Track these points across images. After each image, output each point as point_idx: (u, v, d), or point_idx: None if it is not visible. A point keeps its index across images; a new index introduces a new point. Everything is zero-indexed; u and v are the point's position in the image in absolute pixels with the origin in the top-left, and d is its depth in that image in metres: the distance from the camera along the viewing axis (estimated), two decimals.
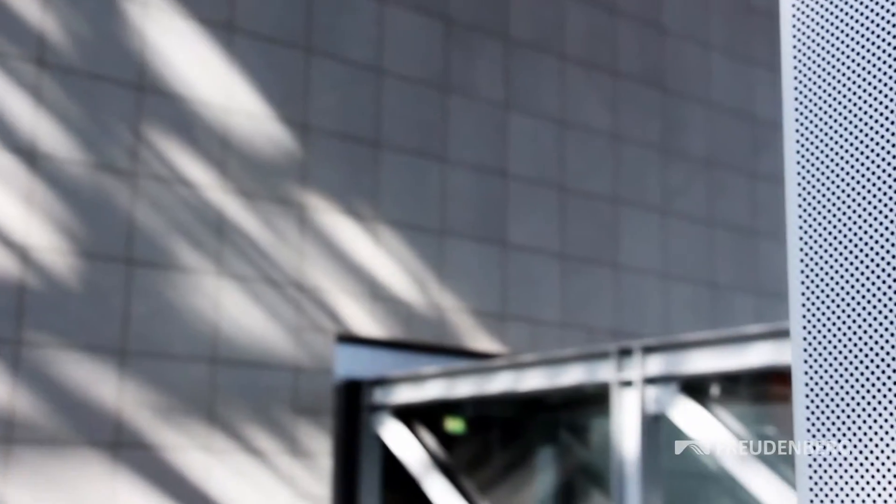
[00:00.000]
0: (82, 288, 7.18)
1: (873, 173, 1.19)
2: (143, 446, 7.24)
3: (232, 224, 7.83)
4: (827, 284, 1.23)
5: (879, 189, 1.18)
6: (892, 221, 1.15)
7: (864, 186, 1.20)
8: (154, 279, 7.45)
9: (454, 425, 8.74)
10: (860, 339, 1.19)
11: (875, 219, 1.17)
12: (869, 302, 1.19)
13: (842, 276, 1.22)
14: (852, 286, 1.20)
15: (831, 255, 1.21)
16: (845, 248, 1.19)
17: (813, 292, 1.24)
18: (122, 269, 7.33)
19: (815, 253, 1.22)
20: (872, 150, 1.19)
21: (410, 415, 8.12)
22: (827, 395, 1.20)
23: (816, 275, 1.24)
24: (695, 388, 6.28)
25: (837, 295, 1.22)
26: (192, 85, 7.79)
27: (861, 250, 1.17)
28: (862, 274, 1.20)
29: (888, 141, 1.18)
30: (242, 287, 7.80)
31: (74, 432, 7.02)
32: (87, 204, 7.27)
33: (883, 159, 1.18)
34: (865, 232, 1.17)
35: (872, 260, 1.18)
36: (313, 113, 8.32)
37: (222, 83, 7.92)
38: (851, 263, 1.20)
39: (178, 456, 7.36)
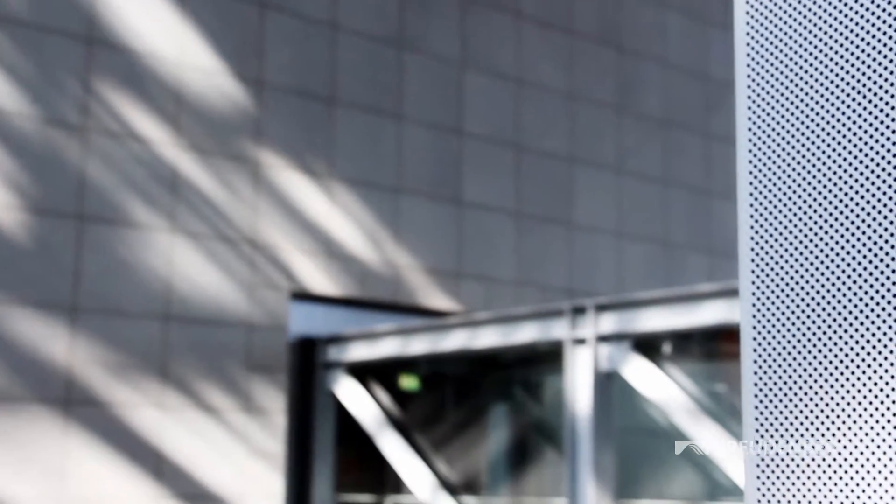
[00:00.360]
0: (32, 244, 7.09)
1: (823, 128, 1.20)
2: (95, 403, 7.20)
3: (185, 180, 7.76)
4: (776, 242, 1.24)
5: (828, 149, 1.19)
6: (841, 180, 1.16)
7: (812, 147, 1.21)
8: (106, 235, 7.38)
9: (408, 382, 8.77)
10: (808, 295, 1.20)
11: (825, 175, 1.18)
12: (816, 257, 1.20)
13: (790, 235, 1.23)
14: (800, 243, 1.21)
15: (780, 214, 1.22)
16: (794, 206, 1.20)
17: (762, 251, 1.25)
18: (73, 225, 7.25)
19: (765, 212, 1.22)
20: (822, 111, 1.20)
21: (365, 372, 8.14)
22: (774, 349, 1.22)
23: (766, 234, 1.25)
24: (647, 345, 6.34)
25: (786, 250, 1.23)
26: (144, 38, 7.68)
27: (810, 207, 1.18)
28: (810, 229, 1.21)
29: (838, 98, 1.19)
30: (196, 244, 7.74)
31: (25, 389, 6.96)
32: (37, 159, 7.16)
33: (833, 115, 1.19)
34: (815, 188, 1.18)
35: (821, 215, 1.19)
36: (268, 69, 8.24)
37: (175, 37, 7.81)
38: (800, 219, 1.21)
39: (131, 413, 7.33)
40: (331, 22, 8.62)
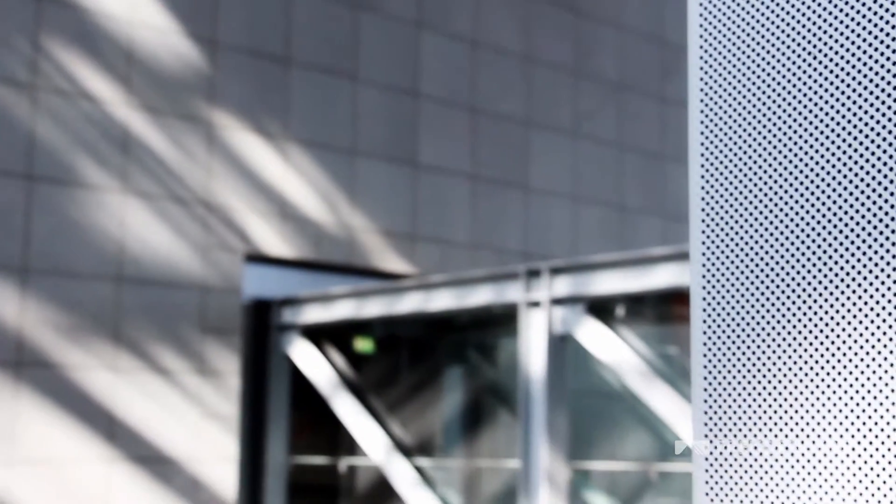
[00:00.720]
0: None
1: (775, 90, 1.20)
2: (46, 365, 7.13)
3: (137, 141, 7.67)
4: (727, 207, 1.24)
5: (780, 111, 1.19)
6: (793, 143, 1.17)
7: (764, 109, 1.21)
8: (56, 196, 7.28)
9: (363, 345, 8.78)
10: (758, 258, 1.21)
11: (778, 139, 1.18)
12: (766, 216, 1.20)
13: (741, 199, 1.23)
14: (751, 204, 1.21)
15: (732, 177, 1.22)
16: (746, 169, 1.20)
17: (712, 215, 1.25)
18: (23, 185, 7.15)
19: (715, 174, 1.23)
20: (774, 73, 1.20)
21: (319, 334, 8.13)
22: (722, 311, 1.22)
23: (716, 197, 1.25)
24: (601, 308, 6.37)
25: (737, 213, 1.23)
26: None
27: (761, 168, 1.19)
28: (761, 190, 1.21)
29: (790, 60, 1.19)
30: (148, 205, 7.67)
31: None
32: None
33: (785, 77, 1.19)
34: (767, 150, 1.18)
35: (774, 179, 1.19)
36: (222, 28, 8.14)
37: None
38: (750, 180, 1.22)
39: (83, 375, 7.27)
40: None
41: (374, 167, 8.95)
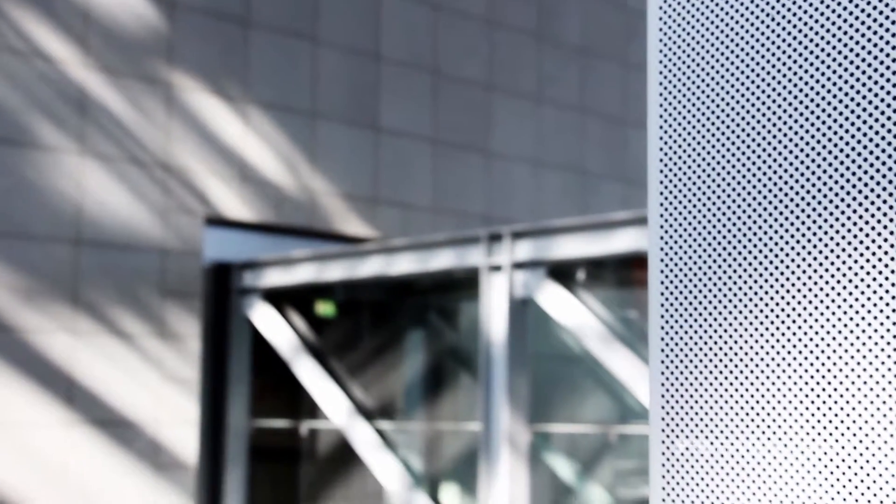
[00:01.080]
0: None
1: (733, 52, 1.20)
2: (3, 329, 7.06)
3: (95, 102, 7.57)
4: (685, 172, 1.24)
5: (739, 73, 1.19)
6: (754, 108, 1.16)
7: (723, 71, 1.21)
8: (12, 157, 7.18)
9: (324, 309, 8.76)
10: (716, 222, 1.21)
11: (737, 101, 1.18)
12: (724, 181, 1.20)
13: (699, 164, 1.23)
14: (709, 169, 1.21)
15: (689, 144, 1.22)
16: (703, 134, 1.20)
17: (670, 179, 1.25)
18: None
19: (674, 139, 1.22)
20: (734, 36, 1.20)
21: (280, 298, 8.11)
22: (679, 280, 1.22)
23: (674, 162, 1.25)
24: (562, 272, 6.39)
25: (695, 177, 1.23)
26: None
27: (720, 131, 1.18)
28: (719, 152, 1.21)
29: (752, 24, 1.19)
30: (106, 167, 7.58)
31: None
32: None
33: (746, 41, 1.19)
34: (726, 113, 1.18)
35: (730, 138, 1.19)
36: None
37: None
38: (709, 142, 1.21)
39: (41, 339, 7.21)
40: None
41: (336, 130, 8.90)
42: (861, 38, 1.08)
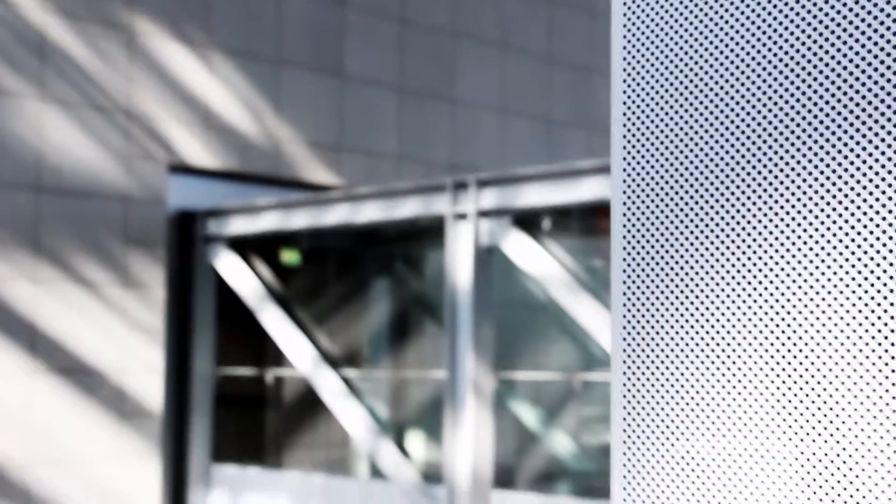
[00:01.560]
0: None
1: (698, 6, 1.19)
2: None
3: (55, 46, 7.45)
4: (648, 121, 1.24)
5: (701, 25, 1.18)
6: (713, 57, 1.16)
7: (686, 24, 1.20)
8: None
9: (290, 257, 8.74)
10: (678, 166, 1.21)
11: (702, 46, 1.17)
12: (688, 130, 1.20)
13: (662, 113, 1.23)
14: (673, 113, 1.21)
15: (652, 93, 1.21)
16: (666, 84, 1.19)
17: (634, 125, 1.25)
18: None
19: (637, 87, 1.22)
20: None
21: (245, 246, 8.07)
22: (643, 225, 1.22)
23: (637, 111, 1.25)
24: (527, 221, 6.40)
25: (658, 127, 1.23)
26: None
27: (685, 75, 1.18)
28: (685, 100, 1.21)
29: None
30: (67, 112, 7.48)
31: None
32: None
33: None
34: (689, 62, 1.18)
35: (696, 85, 1.19)
36: None
37: None
38: (671, 87, 1.21)
39: (2, 287, 7.15)
40: None
41: (300, 77, 8.81)
42: (826, 19, 1.07)
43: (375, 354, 9.06)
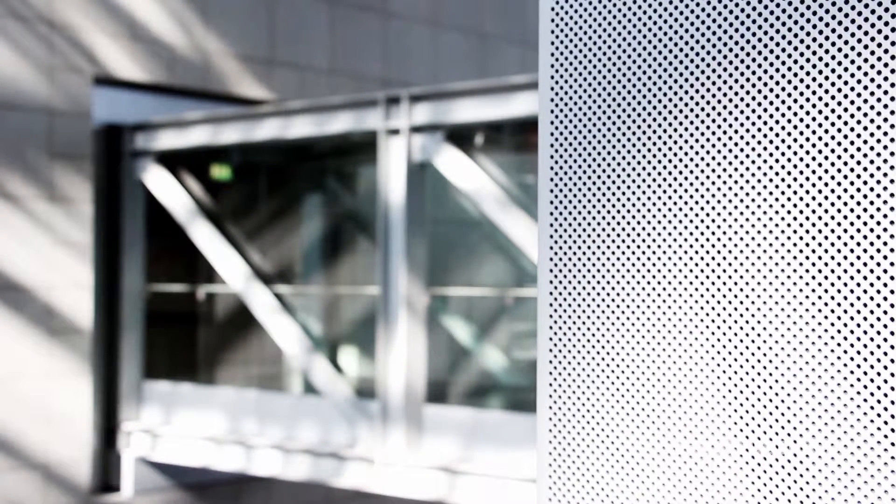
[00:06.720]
0: None
1: None
2: None
3: None
4: (577, 31, 1.22)
5: None
6: None
7: None
8: None
9: (220, 172, 8.63)
10: (611, 78, 1.20)
11: None
12: (615, 41, 1.19)
13: (591, 25, 1.21)
14: (600, 35, 1.20)
15: (581, 6, 1.20)
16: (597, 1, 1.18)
17: (562, 39, 1.23)
18: None
19: (565, 4, 1.20)
20: None
21: (175, 161, 7.95)
22: (570, 144, 1.22)
23: (565, 26, 1.23)
24: (460, 136, 6.38)
25: (588, 35, 1.22)
26: None
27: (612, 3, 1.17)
28: (612, 14, 1.20)
29: None
30: None
31: None
32: None
33: None
34: None
35: (619, 8, 1.17)
36: None
37: None
38: (600, 13, 1.19)
39: None
40: None
41: None
42: None
43: (308, 270, 9.03)
